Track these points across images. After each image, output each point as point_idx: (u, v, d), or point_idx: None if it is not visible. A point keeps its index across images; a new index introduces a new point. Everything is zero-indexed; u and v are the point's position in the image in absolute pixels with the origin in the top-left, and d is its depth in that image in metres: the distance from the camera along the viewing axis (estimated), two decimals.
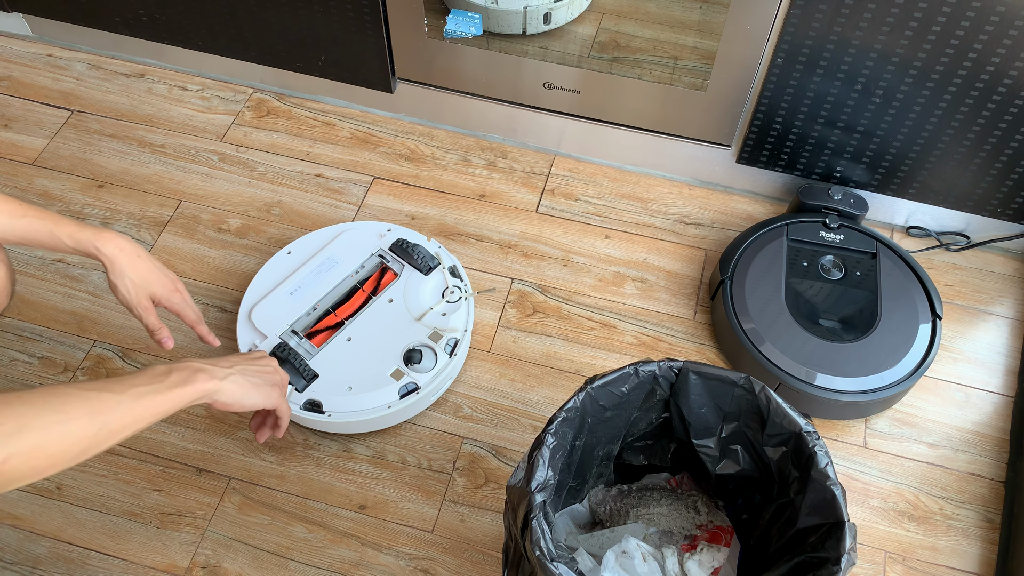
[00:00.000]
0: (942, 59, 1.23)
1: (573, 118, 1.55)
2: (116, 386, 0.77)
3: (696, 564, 1.04)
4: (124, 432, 0.77)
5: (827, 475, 0.89)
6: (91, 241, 0.99)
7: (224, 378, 0.88)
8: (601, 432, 1.02)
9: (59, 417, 0.71)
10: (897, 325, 1.31)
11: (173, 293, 1.08)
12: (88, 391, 0.74)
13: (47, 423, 0.70)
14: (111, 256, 1.00)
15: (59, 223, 0.98)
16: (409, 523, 1.23)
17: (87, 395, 0.74)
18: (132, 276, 1.02)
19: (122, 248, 1.01)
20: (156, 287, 1.05)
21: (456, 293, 1.35)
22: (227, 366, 0.90)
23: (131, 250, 1.02)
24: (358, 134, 1.66)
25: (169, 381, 0.83)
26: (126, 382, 0.79)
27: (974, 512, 1.25)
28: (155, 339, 1.08)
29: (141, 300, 1.04)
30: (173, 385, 0.83)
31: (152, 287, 1.05)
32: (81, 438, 0.72)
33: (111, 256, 1.00)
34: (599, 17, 1.53)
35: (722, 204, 1.57)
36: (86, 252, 1.00)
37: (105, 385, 0.76)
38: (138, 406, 0.78)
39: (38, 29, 1.77)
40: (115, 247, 1.00)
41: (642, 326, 1.42)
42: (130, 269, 1.02)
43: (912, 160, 1.40)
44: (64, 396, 0.72)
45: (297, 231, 1.51)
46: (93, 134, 1.65)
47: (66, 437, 0.71)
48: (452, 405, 1.33)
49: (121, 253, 1.01)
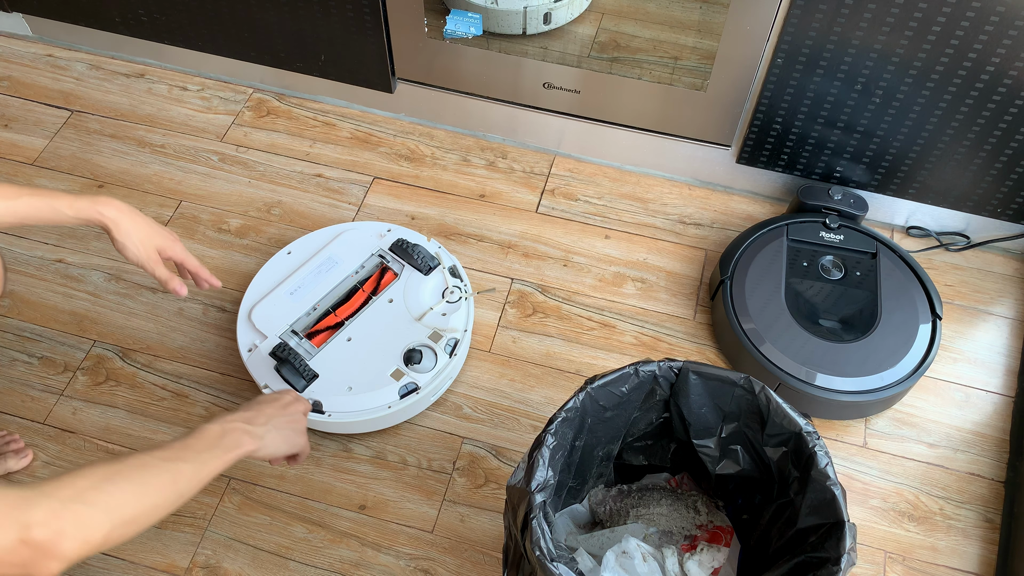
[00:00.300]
0: (942, 59, 1.23)
1: (573, 118, 1.55)
2: (185, 454, 0.83)
3: (696, 564, 1.04)
4: (190, 495, 0.83)
5: (827, 475, 0.89)
6: (92, 206, 1.02)
7: (263, 436, 0.95)
8: (601, 432, 1.02)
9: (148, 491, 0.77)
10: (897, 325, 1.31)
11: (175, 243, 1.11)
12: (167, 462, 0.80)
13: (139, 497, 0.76)
14: (114, 218, 1.03)
15: (55, 197, 1.01)
16: (409, 523, 1.23)
17: (167, 467, 0.80)
18: (137, 233, 1.05)
19: (121, 209, 1.04)
20: (159, 240, 1.09)
21: (456, 293, 1.35)
22: (263, 423, 0.96)
23: (128, 209, 1.05)
24: (358, 134, 1.66)
25: (224, 445, 0.89)
26: (191, 449, 0.85)
27: (974, 512, 1.25)
28: (169, 288, 1.11)
29: (151, 254, 1.08)
30: (228, 449, 0.89)
31: (155, 240, 1.08)
32: (163, 506, 0.79)
33: (114, 218, 1.03)
34: (599, 17, 1.53)
35: (722, 204, 1.57)
36: (88, 218, 1.02)
37: (179, 454, 0.82)
38: (203, 472, 0.84)
39: (38, 29, 1.77)
40: (115, 209, 1.04)
41: (642, 326, 1.42)
42: (133, 227, 1.05)
43: (912, 160, 1.40)
44: (151, 469, 0.78)
45: (297, 231, 1.51)
46: (93, 134, 1.65)
47: (154, 508, 0.77)
48: (452, 405, 1.33)
49: (121, 213, 1.04)
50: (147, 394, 1.34)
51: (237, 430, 0.91)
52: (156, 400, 1.33)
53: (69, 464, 1.27)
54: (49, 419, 1.31)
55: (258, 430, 0.94)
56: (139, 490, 0.76)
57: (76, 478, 0.72)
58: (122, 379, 1.36)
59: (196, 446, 0.85)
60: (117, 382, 1.35)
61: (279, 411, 1.00)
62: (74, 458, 1.28)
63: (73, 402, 1.33)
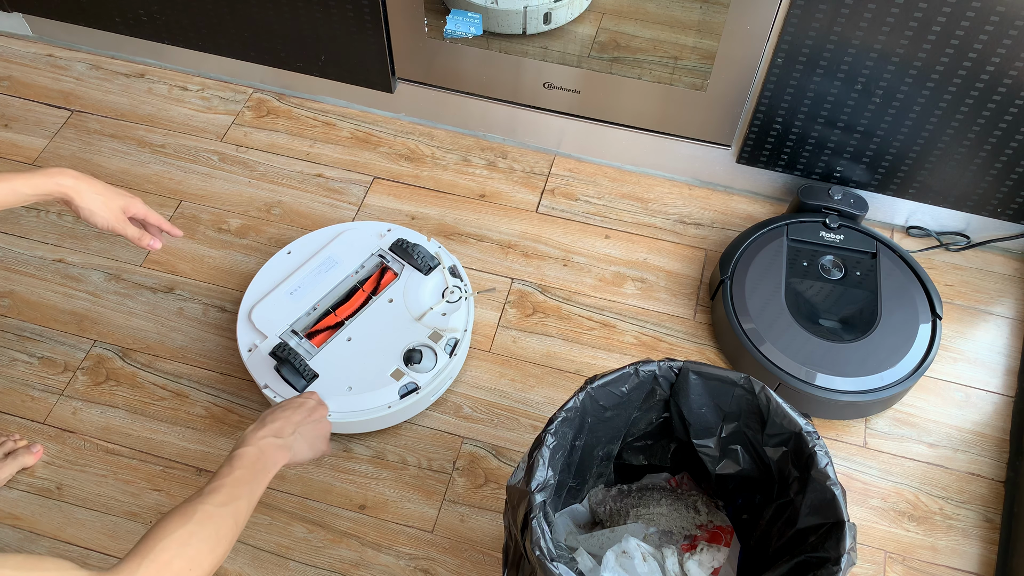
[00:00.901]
0: (942, 59, 1.23)
1: (573, 118, 1.55)
2: (238, 491, 0.86)
3: (696, 564, 1.04)
4: (245, 523, 0.87)
5: (827, 475, 0.89)
6: (48, 180, 1.03)
7: (293, 447, 0.96)
8: (601, 432, 1.02)
9: (220, 542, 0.81)
10: (897, 325, 1.31)
11: (134, 201, 1.12)
12: (226, 507, 0.83)
13: (213, 550, 0.80)
14: (74, 186, 1.05)
15: (11, 179, 1.01)
16: (409, 523, 1.23)
17: (228, 512, 0.83)
18: (98, 197, 1.07)
19: (77, 177, 1.06)
20: (119, 200, 1.10)
21: (456, 293, 1.35)
22: (291, 432, 0.97)
23: (84, 176, 1.07)
24: (358, 134, 1.66)
25: (265, 466, 0.91)
26: (241, 483, 0.87)
27: (974, 512, 1.25)
28: (143, 245, 1.13)
29: (118, 215, 1.09)
30: (268, 469, 0.91)
31: (117, 200, 1.10)
32: (230, 546, 0.83)
33: (74, 186, 1.05)
34: (599, 17, 1.53)
35: (722, 204, 1.57)
36: (47, 192, 1.04)
37: (233, 494, 0.85)
38: (254, 500, 0.88)
39: (38, 29, 1.77)
40: (71, 178, 1.05)
41: (642, 326, 1.42)
42: (94, 192, 1.07)
43: (912, 160, 1.40)
44: (217, 520, 0.82)
45: (297, 231, 1.51)
46: (93, 134, 1.65)
47: (224, 553, 0.82)
48: (452, 405, 1.33)
49: (79, 181, 1.06)
50: (147, 394, 1.34)
51: (271, 447, 0.93)
52: (156, 400, 1.33)
53: (69, 464, 1.27)
54: (49, 419, 1.31)
55: (288, 441, 0.96)
56: (213, 544, 0.80)
57: (157, 552, 0.75)
58: (122, 379, 1.36)
59: (243, 478, 0.88)
60: (117, 382, 1.35)
61: (305, 418, 1.01)
62: (74, 458, 1.28)
63: (73, 402, 1.33)
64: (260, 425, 0.96)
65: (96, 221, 1.08)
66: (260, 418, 0.99)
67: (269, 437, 0.94)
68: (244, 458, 0.90)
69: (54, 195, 1.05)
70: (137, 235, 1.12)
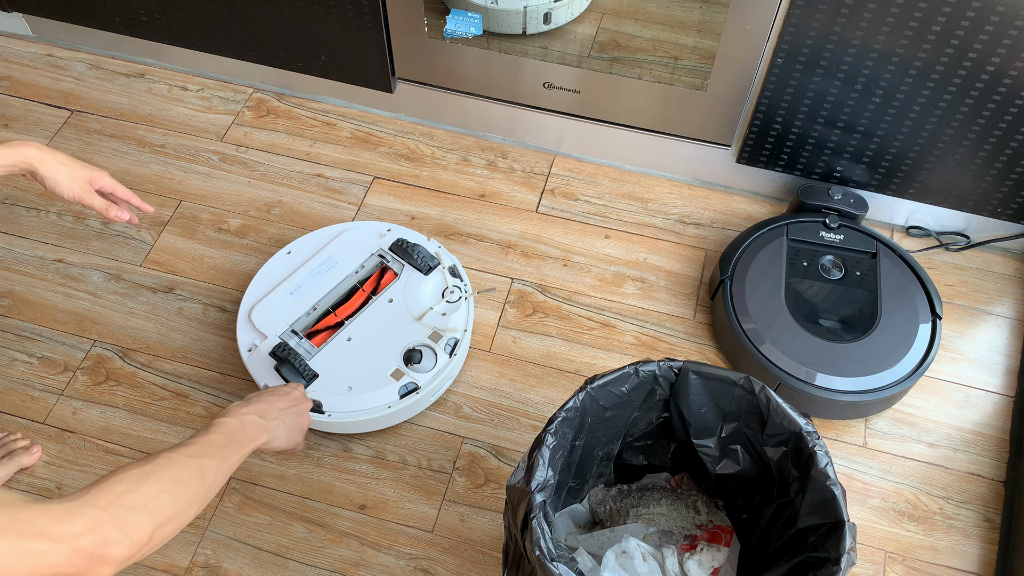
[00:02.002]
0: (942, 59, 1.23)
1: (573, 118, 1.55)
2: (209, 450, 0.85)
3: (696, 564, 1.04)
4: (216, 489, 0.85)
5: (827, 475, 0.89)
6: (14, 151, 1.05)
7: (274, 430, 0.96)
8: (601, 432, 1.02)
9: (181, 488, 0.78)
10: (897, 325, 1.31)
11: (101, 173, 1.13)
12: (193, 459, 0.82)
13: (173, 495, 0.77)
14: (38, 156, 1.06)
15: None
16: (409, 523, 1.23)
17: (194, 463, 0.81)
18: (63, 167, 1.08)
19: (42, 148, 1.08)
20: (85, 171, 1.11)
21: (456, 293, 1.35)
22: (275, 417, 0.98)
23: (49, 148, 1.09)
24: (358, 134, 1.66)
25: (241, 439, 0.90)
26: (213, 445, 0.86)
27: (974, 512, 1.25)
28: (110, 217, 1.15)
29: (84, 186, 1.11)
30: (244, 443, 0.90)
31: (83, 172, 1.11)
32: (195, 502, 0.80)
33: (38, 156, 1.06)
34: (599, 17, 1.53)
35: (722, 204, 1.57)
36: (13, 164, 1.06)
37: (202, 451, 0.84)
38: (225, 465, 0.86)
39: (38, 29, 1.77)
40: (36, 149, 1.07)
41: (642, 326, 1.42)
42: (58, 162, 1.08)
43: (912, 160, 1.40)
44: (179, 467, 0.80)
45: (297, 231, 1.51)
46: (93, 134, 1.65)
47: (188, 505, 0.79)
48: (452, 405, 1.33)
49: (43, 152, 1.07)
50: (147, 394, 1.34)
51: (252, 424, 0.93)
52: (156, 400, 1.33)
53: (69, 464, 1.27)
54: (49, 419, 1.31)
55: (270, 424, 0.96)
56: (172, 488, 0.77)
57: (111, 484, 0.73)
58: (122, 379, 1.36)
59: (217, 441, 0.87)
60: (117, 382, 1.35)
61: (289, 406, 1.01)
62: (74, 458, 1.28)
63: (73, 402, 1.33)
64: (245, 403, 0.97)
65: (61, 191, 1.09)
66: (246, 398, 0.99)
67: (252, 415, 0.94)
68: (223, 426, 0.90)
69: (19, 166, 1.06)
70: (104, 206, 1.13)
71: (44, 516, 0.66)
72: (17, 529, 0.64)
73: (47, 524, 0.66)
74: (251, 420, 0.93)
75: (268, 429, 0.95)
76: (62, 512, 0.67)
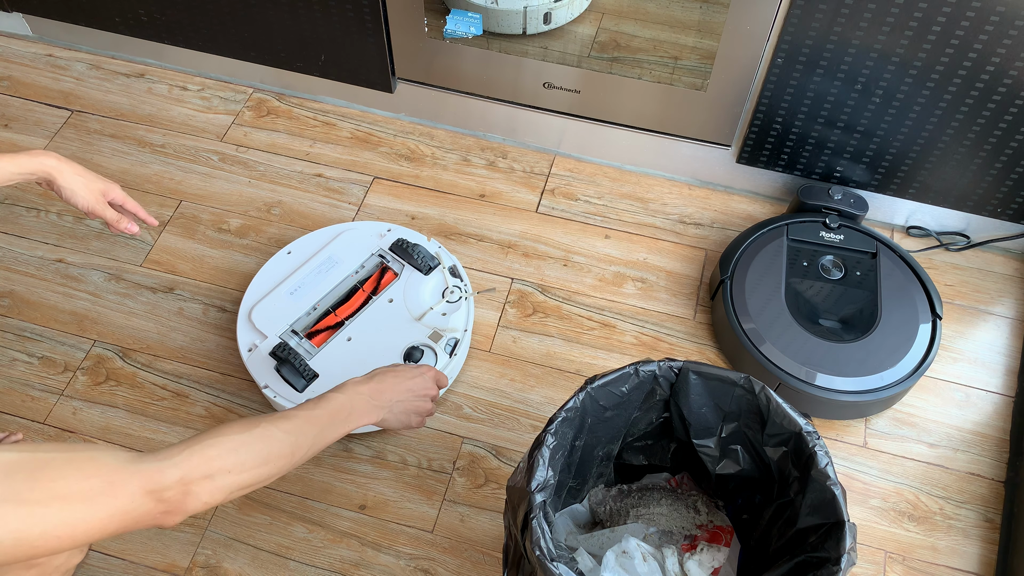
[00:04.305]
0: (942, 59, 1.23)
1: (573, 118, 1.55)
2: (308, 427, 0.89)
3: (696, 564, 1.04)
4: (304, 462, 0.90)
5: (827, 475, 0.89)
6: (34, 160, 1.09)
7: (384, 413, 1.00)
8: (601, 432, 1.02)
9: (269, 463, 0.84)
10: (897, 325, 1.31)
11: (114, 186, 1.17)
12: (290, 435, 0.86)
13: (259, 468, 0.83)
14: (57, 166, 1.10)
15: None
16: (409, 523, 1.23)
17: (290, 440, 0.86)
18: (79, 178, 1.12)
19: (60, 158, 1.11)
20: (99, 183, 1.16)
21: (456, 293, 1.35)
22: (389, 400, 1.01)
23: (67, 159, 1.12)
24: (358, 134, 1.66)
25: (347, 418, 0.94)
26: (315, 422, 0.90)
27: (974, 512, 1.25)
28: (120, 228, 1.20)
29: (98, 197, 1.15)
30: (349, 422, 0.95)
31: (97, 183, 1.15)
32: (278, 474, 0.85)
33: (57, 166, 1.10)
34: (599, 17, 1.53)
35: (722, 204, 1.57)
36: (32, 172, 1.09)
37: (301, 427, 0.88)
38: (320, 443, 0.91)
39: (38, 29, 1.77)
40: (54, 159, 1.11)
41: (642, 326, 1.42)
42: (75, 173, 1.12)
43: (912, 160, 1.40)
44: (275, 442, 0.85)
45: (297, 231, 1.51)
46: (93, 134, 1.65)
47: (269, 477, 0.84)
48: (452, 405, 1.33)
49: (62, 162, 1.11)
50: (147, 394, 1.34)
51: (362, 404, 0.96)
52: (156, 400, 1.33)
53: None
54: (49, 419, 1.31)
55: (382, 405, 0.99)
56: (261, 465, 0.82)
57: (206, 447, 0.79)
58: (122, 379, 1.36)
59: (320, 419, 0.90)
60: (117, 382, 1.35)
61: (407, 396, 1.03)
62: None
63: (73, 402, 1.33)
64: (367, 379, 0.99)
65: (77, 201, 1.12)
66: (371, 372, 1.02)
67: (365, 395, 0.97)
68: (330, 402, 0.93)
69: (37, 174, 1.09)
70: (115, 218, 1.17)
71: (138, 477, 0.73)
72: (112, 491, 0.71)
73: (140, 483, 0.73)
74: (363, 400, 0.96)
75: (379, 411, 0.98)
76: (152, 471, 0.74)
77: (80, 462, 0.70)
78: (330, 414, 0.92)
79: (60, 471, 0.69)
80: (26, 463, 0.67)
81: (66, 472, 0.69)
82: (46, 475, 0.68)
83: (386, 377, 1.01)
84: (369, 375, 1.01)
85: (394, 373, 1.03)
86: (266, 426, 0.84)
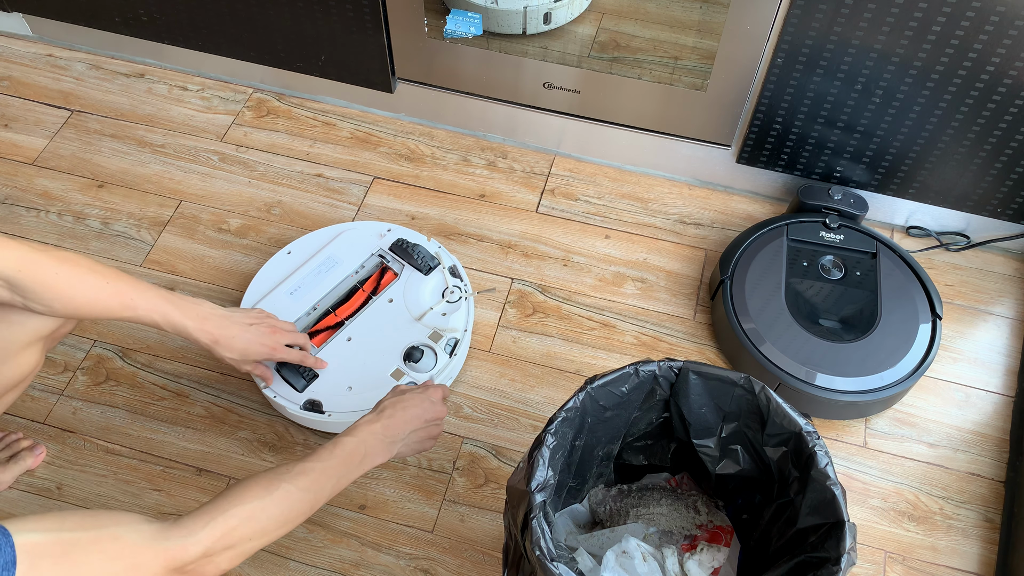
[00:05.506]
0: (942, 59, 1.23)
1: (573, 118, 1.55)
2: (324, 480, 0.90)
3: (696, 564, 1.04)
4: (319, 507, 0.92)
5: (827, 475, 0.89)
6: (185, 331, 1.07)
7: (397, 447, 1.01)
8: (601, 432, 1.02)
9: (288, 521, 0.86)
10: (897, 325, 1.31)
11: (273, 351, 1.17)
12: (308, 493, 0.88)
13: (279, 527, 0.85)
14: (207, 344, 1.10)
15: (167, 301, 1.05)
16: (409, 523, 1.23)
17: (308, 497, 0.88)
18: (231, 354, 1.13)
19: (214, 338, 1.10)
20: (254, 355, 1.15)
21: (456, 293, 1.35)
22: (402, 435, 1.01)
23: (221, 334, 1.10)
24: (358, 134, 1.66)
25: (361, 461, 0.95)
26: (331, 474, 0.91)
27: (974, 512, 1.25)
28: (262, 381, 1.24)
29: (245, 367, 1.17)
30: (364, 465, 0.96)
31: (251, 356, 1.15)
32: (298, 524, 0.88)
33: (207, 344, 1.10)
34: (599, 17, 1.53)
35: (722, 204, 1.57)
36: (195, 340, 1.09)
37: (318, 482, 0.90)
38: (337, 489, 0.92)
39: (38, 29, 1.77)
40: (208, 338, 1.09)
41: (642, 326, 1.42)
42: (227, 350, 1.12)
43: (912, 160, 1.40)
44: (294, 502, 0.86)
45: (297, 231, 1.51)
46: (93, 134, 1.65)
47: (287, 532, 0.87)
48: (452, 405, 1.33)
49: (215, 344, 1.10)
50: (147, 394, 1.34)
51: (376, 444, 0.97)
52: (156, 400, 1.33)
53: (69, 464, 1.27)
54: (49, 419, 1.31)
55: (396, 440, 1.00)
56: (282, 522, 0.85)
57: (228, 517, 0.80)
58: (122, 379, 1.36)
59: (337, 469, 0.91)
60: (117, 382, 1.35)
61: (419, 423, 1.03)
62: (74, 458, 1.28)
63: (73, 402, 1.33)
64: (376, 417, 0.99)
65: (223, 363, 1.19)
66: (379, 406, 1.02)
67: (378, 435, 0.97)
68: (344, 447, 0.93)
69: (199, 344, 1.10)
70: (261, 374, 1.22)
71: (162, 556, 0.75)
72: (136, 573, 0.73)
73: (164, 563, 0.75)
74: (375, 440, 0.97)
75: (392, 447, 0.99)
76: (175, 547, 0.76)
77: (105, 542, 0.71)
78: (344, 462, 0.93)
79: (86, 555, 0.70)
80: (51, 548, 0.67)
81: (91, 556, 0.70)
82: (71, 560, 0.68)
83: (395, 411, 1.01)
84: (377, 412, 1.00)
85: (402, 405, 1.02)
86: (285, 488, 0.85)
